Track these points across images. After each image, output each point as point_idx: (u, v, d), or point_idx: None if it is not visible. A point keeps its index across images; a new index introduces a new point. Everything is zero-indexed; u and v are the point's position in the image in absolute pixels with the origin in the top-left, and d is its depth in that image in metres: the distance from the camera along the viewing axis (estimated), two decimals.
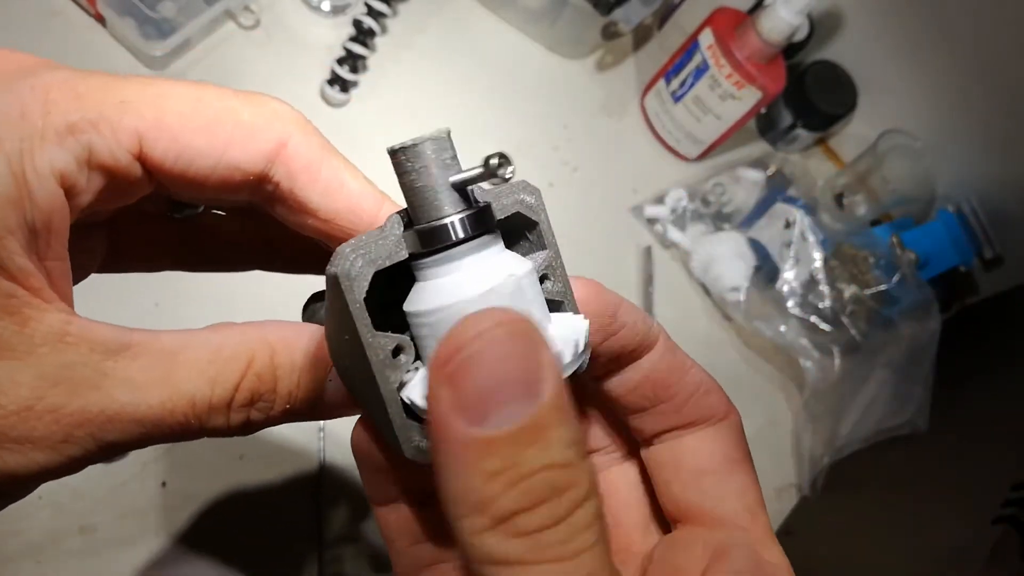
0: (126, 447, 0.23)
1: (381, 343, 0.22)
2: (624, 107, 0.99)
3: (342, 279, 0.22)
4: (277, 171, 0.27)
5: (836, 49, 1.00)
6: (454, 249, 0.23)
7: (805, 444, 0.87)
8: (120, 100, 0.25)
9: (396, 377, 0.23)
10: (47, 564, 0.61)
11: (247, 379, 0.24)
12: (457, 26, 0.94)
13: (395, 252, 0.23)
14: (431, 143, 0.23)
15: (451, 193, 0.23)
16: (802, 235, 0.91)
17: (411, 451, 0.23)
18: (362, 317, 0.22)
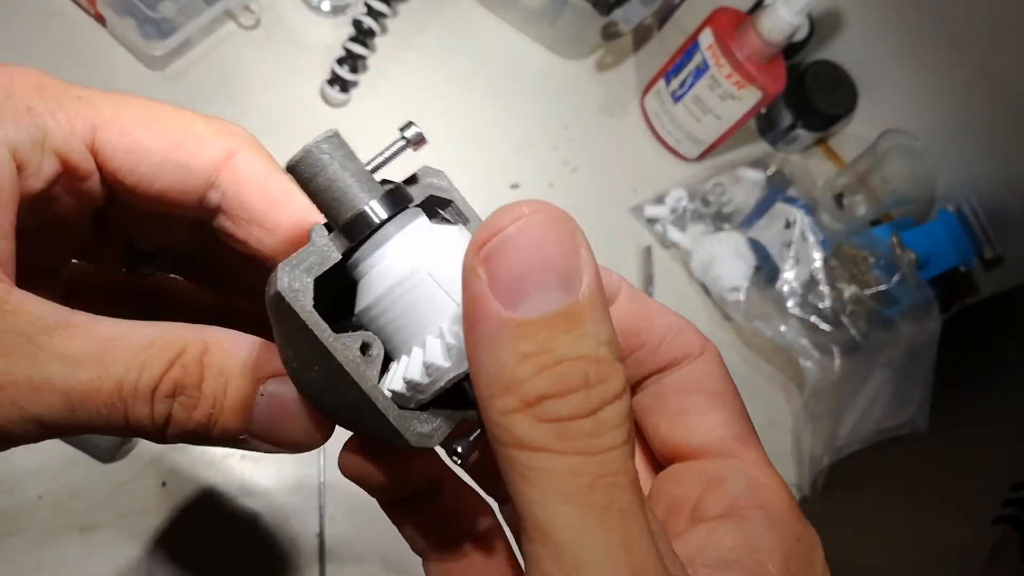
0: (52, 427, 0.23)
1: (346, 343, 0.22)
2: (624, 107, 0.99)
3: (285, 294, 0.22)
4: (225, 179, 0.28)
5: (836, 49, 1.00)
6: (380, 232, 0.23)
7: (805, 444, 0.87)
8: (79, 96, 0.26)
9: (372, 373, 0.22)
10: (47, 564, 0.61)
11: (173, 368, 0.23)
12: (457, 26, 0.94)
13: (327, 256, 0.23)
14: (324, 143, 0.23)
15: (360, 184, 0.23)
16: (802, 235, 0.91)
17: (414, 438, 0.23)
18: (319, 325, 0.22)
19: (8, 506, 0.62)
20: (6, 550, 0.61)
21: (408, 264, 0.23)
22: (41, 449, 0.64)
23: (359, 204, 0.23)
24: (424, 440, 0.23)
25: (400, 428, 0.23)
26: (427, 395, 0.23)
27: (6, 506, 0.62)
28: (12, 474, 0.63)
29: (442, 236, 0.24)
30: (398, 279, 0.23)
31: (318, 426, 0.25)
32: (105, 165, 0.27)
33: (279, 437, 0.25)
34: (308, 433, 0.25)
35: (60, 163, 0.26)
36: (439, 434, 0.23)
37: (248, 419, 0.25)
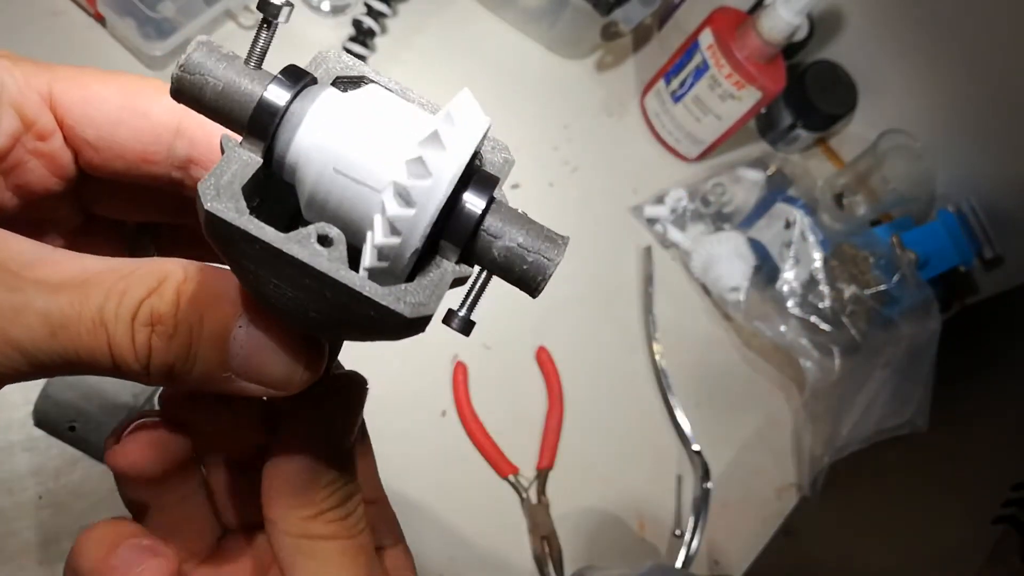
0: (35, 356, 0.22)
1: (301, 241, 0.20)
2: (624, 107, 0.99)
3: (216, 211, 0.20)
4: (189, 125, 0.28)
5: (836, 49, 1.00)
6: (289, 115, 0.21)
7: (805, 444, 0.87)
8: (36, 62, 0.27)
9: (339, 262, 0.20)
10: (47, 564, 0.61)
11: (152, 296, 0.23)
12: (457, 26, 0.94)
13: (247, 162, 0.21)
14: (195, 53, 0.22)
15: (250, 78, 0.22)
16: (802, 235, 0.91)
17: (409, 308, 0.21)
18: (263, 229, 0.20)
19: (8, 506, 0.62)
20: (6, 550, 0.61)
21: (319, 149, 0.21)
22: (41, 449, 0.64)
23: (256, 94, 0.21)
24: (421, 308, 0.21)
25: (390, 304, 0.20)
26: (405, 260, 0.21)
27: (6, 506, 0.62)
28: (12, 474, 0.63)
29: (357, 101, 0.22)
30: (324, 163, 0.21)
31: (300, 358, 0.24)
32: (64, 120, 0.27)
33: (261, 374, 0.24)
34: (290, 367, 0.24)
35: (19, 118, 0.26)
36: (435, 299, 0.22)
37: (226, 353, 0.24)
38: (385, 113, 0.22)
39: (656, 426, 0.85)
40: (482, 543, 0.75)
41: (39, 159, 0.27)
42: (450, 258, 0.23)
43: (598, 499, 0.80)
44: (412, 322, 0.21)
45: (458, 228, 0.22)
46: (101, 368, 0.23)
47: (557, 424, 0.80)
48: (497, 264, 0.23)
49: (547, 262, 0.22)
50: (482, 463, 0.78)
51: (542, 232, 0.23)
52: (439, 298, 0.22)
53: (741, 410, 0.90)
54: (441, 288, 0.22)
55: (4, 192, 0.27)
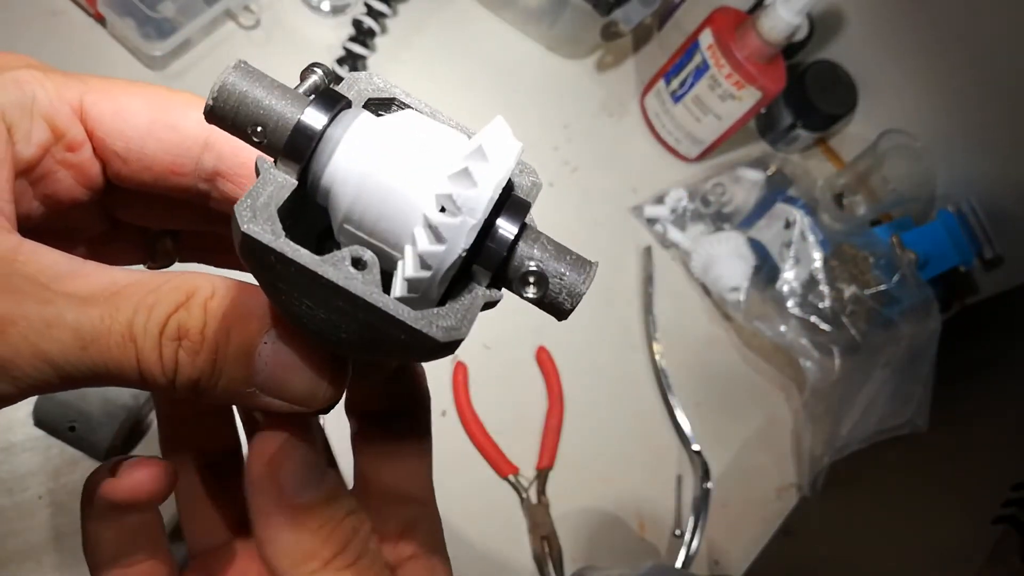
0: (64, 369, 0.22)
1: (335, 263, 0.20)
2: (624, 107, 0.99)
3: (251, 232, 0.20)
4: (218, 139, 0.28)
5: (836, 49, 1.00)
6: (325, 139, 0.21)
7: (805, 444, 0.87)
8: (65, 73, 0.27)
9: (373, 285, 0.21)
10: (47, 564, 0.61)
11: (179, 311, 0.23)
12: (457, 26, 0.94)
13: (283, 184, 0.21)
14: (231, 74, 0.22)
15: (286, 100, 0.22)
16: (802, 235, 0.91)
17: (442, 333, 0.21)
18: (298, 252, 0.20)
19: (8, 506, 0.62)
20: (6, 550, 0.61)
21: (355, 173, 0.21)
22: (41, 449, 0.64)
23: (292, 118, 0.21)
24: (453, 333, 0.21)
25: (422, 328, 0.21)
26: (435, 288, 0.21)
27: (6, 506, 0.62)
28: (12, 474, 0.63)
29: (393, 124, 0.22)
30: (360, 186, 0.21)
31: (325, 375, 0.25)
32: (94, 131, 0.27)
33: (285, 388, 0.24)
34: (315, 384, 0.24)
35: (49, 129, 0.26)
36: (467, 323, 0.22)
37: (251, 369, 0.24)
38: (420, 137, 0.22)
39: (656, 426, 0.85)
40: (482, 543, 0.75)
41: (68, 170, 0.27)
42: (482, 282, 0.23)
43: (598, 499, 0.80)
44: (444, 346, 0.21)
45: (491, 254, 0.22)
46: (128, 381, 0.23)
47: (557, 424, 0.80)
48: (528, 287, 0.23)
49: (577, 287, 0.23)
50: (482, 463, 0.78)
51: (572, 257, 0.23)
52: (471, 322, 0.22)
53: (741, 410, 0.90)
54: (472, 312, 0.22)
55: (32, 201, 0.27)
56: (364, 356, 0.24)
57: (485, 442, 0.78)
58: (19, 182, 0.26)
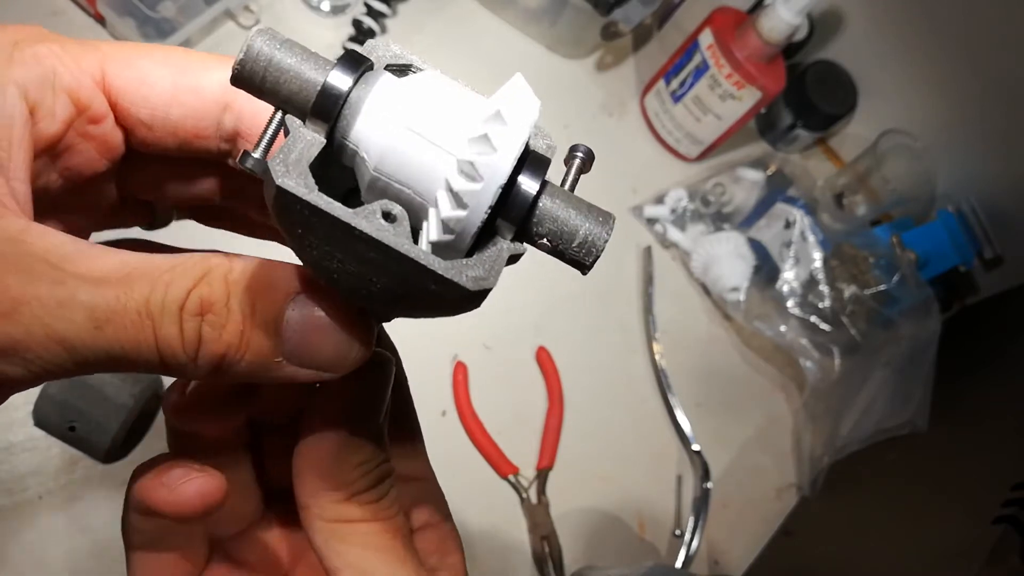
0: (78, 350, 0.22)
1: (367, 216, 0.21)
2: (624, 107, 0.99)
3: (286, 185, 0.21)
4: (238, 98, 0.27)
5: (836, 49, 1.00)
6: (351, 101, 0.22)
7: (805, 444, 0.87)
8: (83, 43, 0.26)
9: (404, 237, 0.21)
10: (47, 564, 0.61)
11: (200, 286, 0.22)
12: (457, 26, 0.94)
13: (312, 142, 0.22)
14: (257, 38, 0.22)
15: (311, 63, 0.22)
16: (802, 235, 0.91)
17: (471, 282, 0.21)
18: (332, 205, 0.21)
19: (8, 506, 0.62)
20: (6, 550, 0.61)
21: (389, 126, 0.22)
22: (41, 449, 0.64)
23: (318, 80, 0.22)
24: (482, 282, 0.22)
25: (453, 276, 0.21)
26: (468, 237, 0.22)
27: (6, 506, 0.62)
28: (12, 474, 0.63)
29: (414, 85, 0.23)
30: (386, 145, 0.22)
31: (355, 333, 0.24)
32: (118, 101, 0.27)
33: (315, 354, 0.24)
34: (345, 344, 0.24)
35: (73, 104, 0.26)
36: (495, 273, 0.22)
37: (279, 337, 0.23)
38: (442, 96, 0.23)
39: (656, 426, 0.85)
40: (482, 543, 0.75)
41: (90, 142, 0.27)
42: (506, 236, 0.23)
43: (598, 499, 0.80)
44: (473, 295, 0.22)
45: (515, 207, 0.23)
46: (145, 363, 0.22)
47: (557, 424, 0.80)
48: (552, 240, 0.24)
49: (598, 239, 0.24)
50: (482, 463, 0.78)
51: (592, 210, 0.24)
52: (498, 273, 0.22)
53: (741, 410, 0.90)
54: (499, 264, 0.23)
55: (51, 175, 0.27)
56: (391, 310, 0.25)
57: (485, 442, 0.78)
58: (40, 160, 0.26)
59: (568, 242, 0.24)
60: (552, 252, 0.24)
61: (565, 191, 0.25)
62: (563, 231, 0.24)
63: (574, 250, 0.24)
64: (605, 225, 0.24)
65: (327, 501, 0.27)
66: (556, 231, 0.24)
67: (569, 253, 0.24)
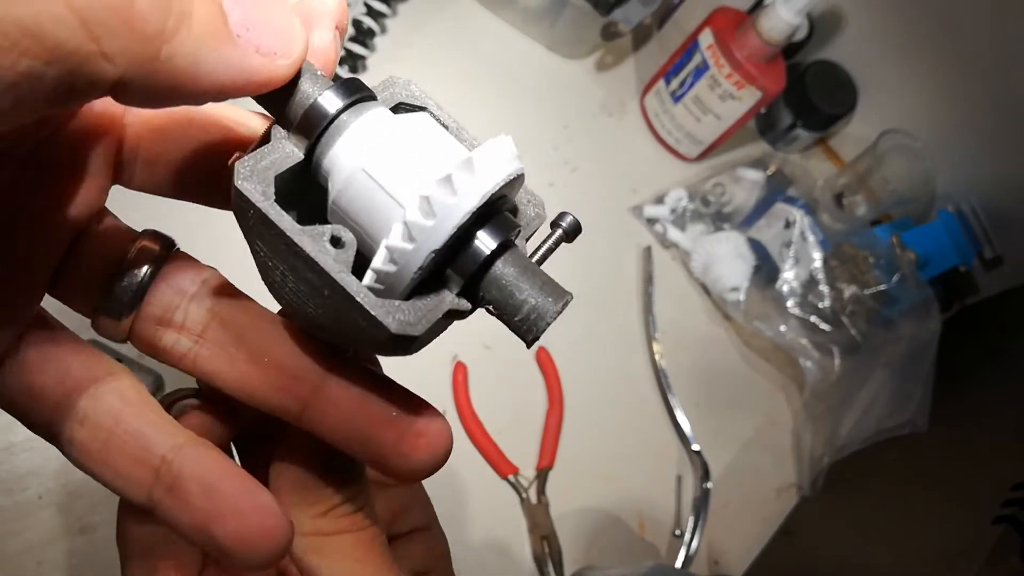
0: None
1: (314, 236, 0.21)
2: (624, 107, 0.99)
3: (245, 190, 0.21)
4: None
5: (836, 49, 1.00)
6: (337, 122, 0.22)
7: (805, 444, 0.87)
8: None
9: (344, 265, 0.21)
10: (47, 564, 0.61)
11: None
12: (457, 26, 0.94)
13: (288, 155, 0.22)
14: None
15: (312, 80, 0.22)
16: (802, 235, 0.91)
17: (396, 325, 0.21)
18: (282, 217, 0.21)
19: (8, 506, 0.62)
20: (6, 550, 0.61)
21: (351, 161, 0.22)
22: (41, 449, 0.64)
23: (311, 97, 0.22)
24: (408, 327, 0.21)
25: (378, 314, 0.21)
26: (402, 284, 0.22)
27: (6, 506, 0.62)
28: (12, 474, 0.63)
29: (403, 125, 0.23)
30: (346, 177, 0.22)
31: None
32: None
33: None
34: (288, 23, 0.21)
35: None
36: (424, 322, 0.22)
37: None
38: (427, 139, 0.23)
39: (656, 426, 0.85)
40: (482, 543, 0.75)
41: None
42: (452, 289, 0.23)
43: (598, 499, 0.80)
44: (396, 339, 0.21)
45: (463, 263, 0.23)
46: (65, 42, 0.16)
47: (557, 424, 0.80)
48: (497, 305, 0.23)
49: (542, 318, 0.23)
50: (482, 463, 0.78)
51: (547, 286, 0.23)
52: (429, 322, 0.22)
53: (741, 410, 0.90)
54: (434, 314, 0.22)
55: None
56: (325, 336, 0.25)
57: (485, 442, 0.78)
58: None
59: (511, 314, 0.23)
60: (497, 317, 0.24)
61: (525, 260, 0.24)
62: (508, 302, 0.23)
63: (516, 323, 0.23)
64: (555, 304, 0.23)
65: (304, 516, 0.27)
66: (501, 300, 0.23)
67: (512, 324, 0.23)
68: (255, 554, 0.23)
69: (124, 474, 0.24)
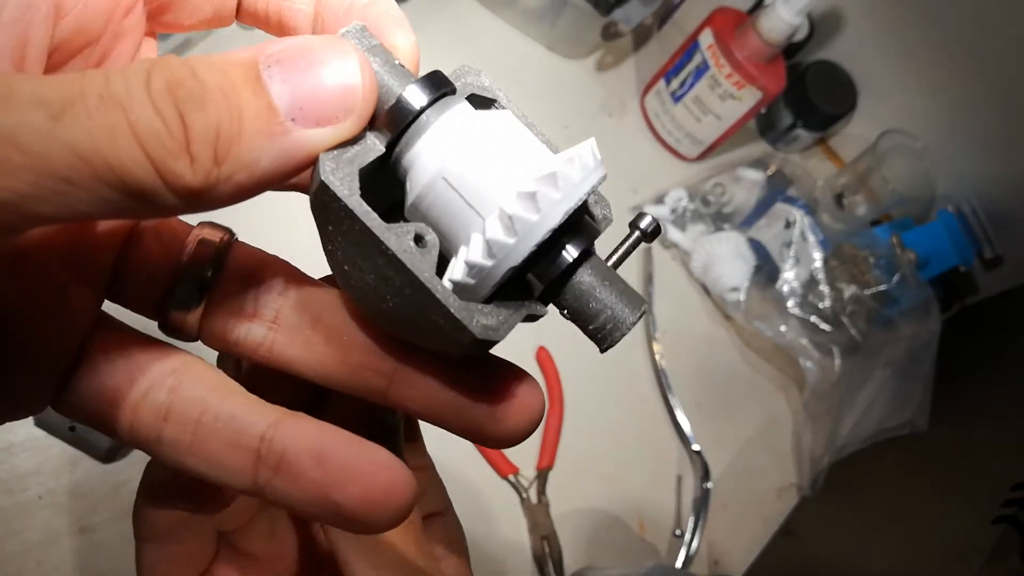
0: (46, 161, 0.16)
1: (399, 234, 0.21)
2: (624, 107, 0.99)
3: (330, 183, 0.20)
4: None
5: (836, 49, 1.00)
6: (420, 119, 0.22)
7: (805, 444, 0.87)
8: None
9: (429, 264, 0.21)
10: (47, 564, 0.61)
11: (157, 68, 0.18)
12: (457, 26, 0.94)
13: (371, 148, 0.22)
14: (352, 33, 0.22)
15: (394, 74, 0.22)
16: (802, 235, 0.91)
17: (479, 329, 0.21)
18: (368, 213, 0.21)
19: (8, 506, 0.62)
20: (6, 550, 0.61)
21: (433, 163, 0.22)
22: (41, 449, 0.64)
23: (395, 91, 0.22)
24: (489, 332, 0.21)
25: (463, 318, 0.21)
26: (489, 286, 0.21)
27: (6, 506, 0.62)
28: (12, 474, 0.63)
29: (485, 124, 0.22)
30: (427, 181, 0.22)
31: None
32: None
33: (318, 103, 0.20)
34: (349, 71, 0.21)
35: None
36: (505, 327, 0.22)
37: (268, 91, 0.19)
38: (510, 141, 0.22)
39: (656, 426, 0.85)
40: (482, 543, 0.75)
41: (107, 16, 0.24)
42: (533, 293, 0.23)
43: (598, 499, 0.80)
44: (477, 343, 0.21)
45: (548, 269, 0.22)
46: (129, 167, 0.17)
47: (557, 424, 0.80)
48: (575, 312, 0.23)
49: (620, 326, 0.23)
50: (482, 463, 0.78)
51: (624, 294, 0.23)
52: (509, 328, 0.22)
53: (741, 410, 0.90)
54: (514, 319, 0.22)
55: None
56: (398, 332, 0.24)
57: None
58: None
59: (588, 321, 0.23)
60: (574, 321, 0.24)
61: (605, 268, 0.24)
62: (585, 310, 0.23)
63: (591, 331, 0.23)
64: (632, 315, 0.23)
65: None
66: (578, 308, 0.23)
67: (588, 331, 0.23)
68: (384, 513, 0.22)
69: (223, 463, 0.22)
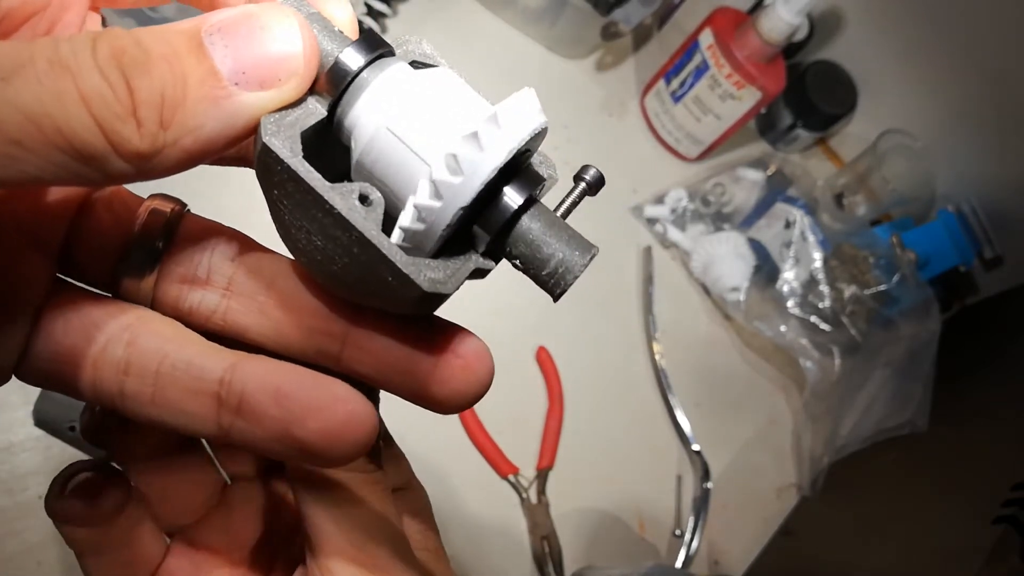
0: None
1: (343, 193, 0.21)
2: (624, 107, 0.99)
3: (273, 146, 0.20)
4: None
5: (836, 49, 1.00)
6: (359, 78, 0.22)
7: (805, 444, 0.87)
8: None
9: (374, 222, 0.21)
10: (47, 564, 0.61)
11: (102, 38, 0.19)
12: (457, 26, 0.94)
13: (312, 112, 0.22)
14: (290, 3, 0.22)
15: (331, 37, 0.22)
16: (802, 235, 0.91)
17: (427, 283, 0.21)
18: (311, 174, 0.21)
19: (8, 506, 0.62)
20: (6, 550, 0.61)
21: (374, 119, 0.22)
22: (41, 449, 0.64)
23: (331, 55, 0.22)
24: (437, 286, 0.21)
25: (410, 272, 0.21)
26: (430, 242, 0.22)
27: (6, 506, 0.62)
28: (12, 474, 0.63)
29: (423, 80, 0.23)
30: (370, 136, 0.22)
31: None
32: None
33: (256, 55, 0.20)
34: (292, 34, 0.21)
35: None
36: (453, 280, 0.22)
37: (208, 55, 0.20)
38: (451, 92, 0.23)
39: (656, 426, 0.85)
40: (482, 543, 0.75)
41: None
42: (479, 247, 0.23)
43: (598, 499, 0.80)
44: (426, 296, 0.21)
45: (493, 217, 0.23)
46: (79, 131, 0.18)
47: (557, 424, 0.80)
48: (525, 260, 0.23)
49: (571, 270, 0.23)
50: (482, 463, 0.78)
51: (573, 239, 0.23)
52: (458, 283, 0.22)
53: (741, 410, 0.90)
54: (462, 273, 0.22)
55: None
56: (350, 295, 0.24)
57: (485, 442, 0.78)
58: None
59: (539, 268, 0.23)
60: (524, 272, 0.24)
61: (551, 214, 0.24)
62: (535, 256, 0.23)
63: (544, 277, 0.23)
64: (583, 258, 0.23)
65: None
66: (528, 255, 0.23)
67: (539, 279, 0.23)
68: (344, 446, 0.22)
69: (185, 410, 0.23)
